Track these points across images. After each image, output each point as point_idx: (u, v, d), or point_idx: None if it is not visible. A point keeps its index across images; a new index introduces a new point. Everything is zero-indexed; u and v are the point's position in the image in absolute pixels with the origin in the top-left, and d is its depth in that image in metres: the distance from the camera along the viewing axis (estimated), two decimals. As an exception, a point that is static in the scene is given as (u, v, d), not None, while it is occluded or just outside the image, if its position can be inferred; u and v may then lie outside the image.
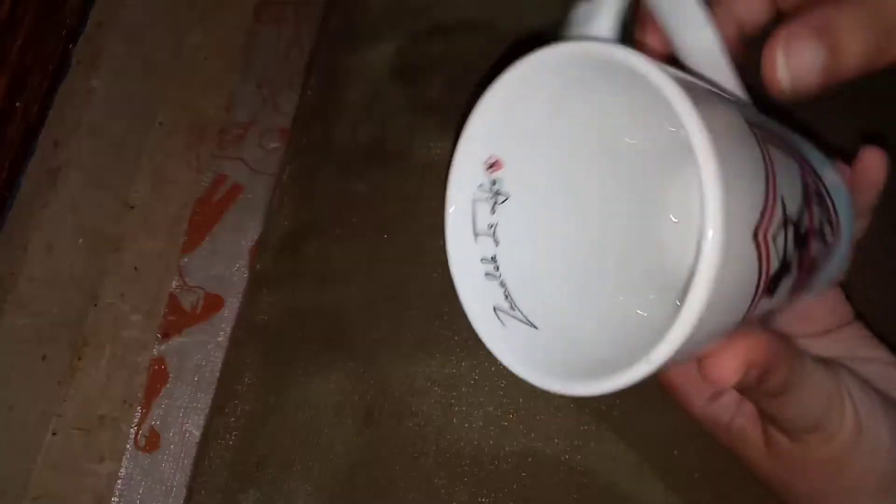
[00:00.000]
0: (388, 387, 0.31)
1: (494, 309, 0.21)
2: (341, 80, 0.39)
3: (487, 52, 0.37)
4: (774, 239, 0.16)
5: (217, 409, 0.33)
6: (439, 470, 0.30)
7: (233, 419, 0.33)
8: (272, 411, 0.32)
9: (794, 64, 0.17)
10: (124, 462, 0.60)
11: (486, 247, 0.21)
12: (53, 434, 0.62)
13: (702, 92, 0.17)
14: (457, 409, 0.30)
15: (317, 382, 0.32)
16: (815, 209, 0.18)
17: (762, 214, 0.16)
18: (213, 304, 0.67)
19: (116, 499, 0.59)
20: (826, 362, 0.21)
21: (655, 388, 0.29)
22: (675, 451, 0.29)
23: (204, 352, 0.63)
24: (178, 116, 0.77)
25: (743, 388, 0.19)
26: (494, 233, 0.21)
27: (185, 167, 0.75)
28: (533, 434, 0.30)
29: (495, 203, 0.21)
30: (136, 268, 0.69)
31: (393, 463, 0.30)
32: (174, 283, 0.68)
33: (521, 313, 0.21)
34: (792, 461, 0.21)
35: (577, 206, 0.22)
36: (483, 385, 0.31)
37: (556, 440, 0.29)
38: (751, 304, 0.17)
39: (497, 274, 0.21)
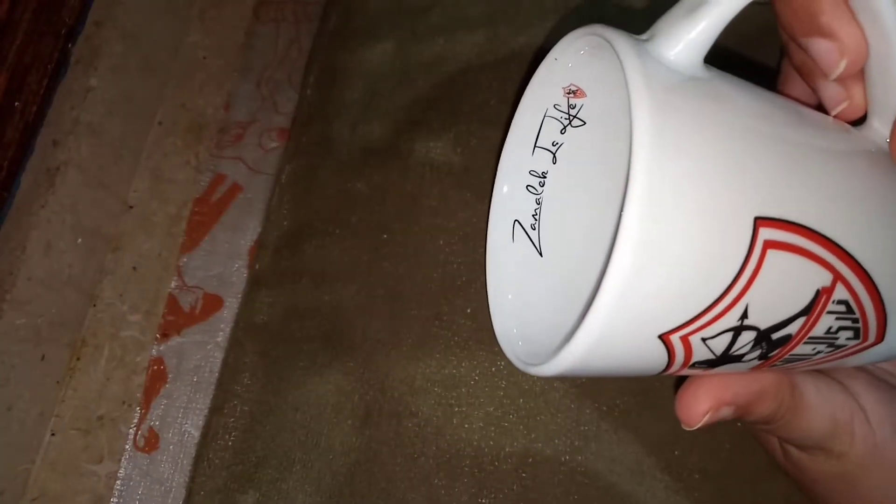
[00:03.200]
0: (388, 387, 0.31)
1: (515, 221, 0.21)
2: (340, 80, 0.39)
3: (487, 52, 0.37)
4: (706, 340, 0.15)
5: (216, 410, 0.33)
6: (439, 470, 0.29)
7: (232, 419, 0.32)
8: (271, 412, 0.32)
9: None
10: (123, 462, 0.60)
11: (542, 162, 0.21)
12: (52, 434, 0.62)
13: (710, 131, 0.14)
14: (456, 409, 0.30)
15: (316, 383, 0.32)
16: (825, 318, 0.16)
17: (691, 321, 0.14)
18: (212, 304, 0.67)
19: (115, 499, 0.59)
20: (836, 382, 0.20)
21: (656, 388, 0.29)
22: (676, 451, 0.29)
23: (203, 352, 0.63)
24: (177, 116, 0.77)
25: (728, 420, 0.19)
26: (556, 152, 0.21)
27: (183, 167, 0.75)
28: (533, 434, 0.30)
29: (568, 125, 0.20)
30: (134, 268, 0.69)
31: (392, 463, 0.30)
32: (173, 283, 0.68)
33: (538, 236, 0.20)
34: (804, 470, 0.21)
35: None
36: (483, 385, 0.31)
37: (556, 440, 0.29)
38: (664, 371, 0.16)
39: (539, 191, 0.21)
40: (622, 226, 0.13)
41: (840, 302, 0.16)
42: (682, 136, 0.14)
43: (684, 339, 0.15)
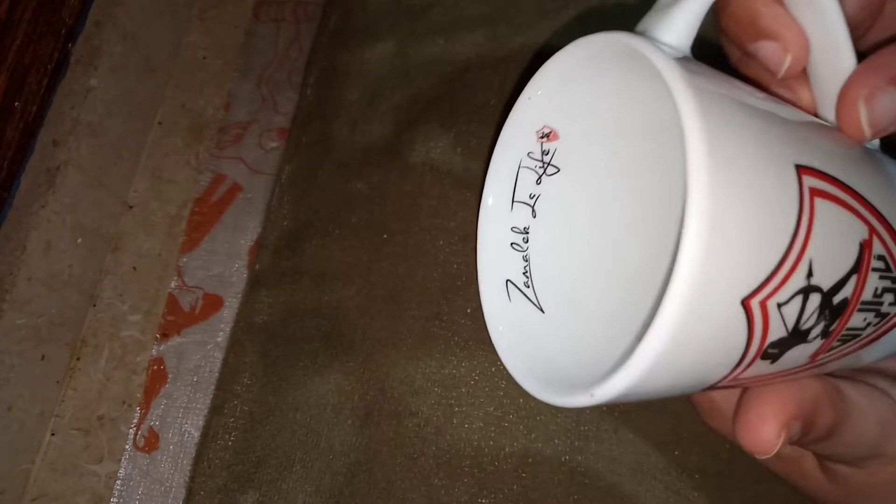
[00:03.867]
0: (388, 387, 0.31)
1: (507, 281, 0.20)
2: (340, 80, 0.39)
3: (486, 51, 0.37)
4: (781, 307, 0.15)
5: (216, 410, 0.33)
6: (439, 470, 0.29)
7: (232, 419, 0.32)
8: (271, 411, 0.32)
9: (877, 118, 0.17)
10: (123, 462, 0.60)
11: (522, 217, 0.20)
12: (52, 434, 0.62)
13: (733, 117, 0.15)
14: (456, 409, 0.30)
15: (316, 383, 0.32)
16: (871, 277, 0.16)
17: (767, 280, 0.14)
18: (212, 304, 0.67)
19: (115, 499, 0.59)
20: (868, 384, 0.20)
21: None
22: (676, 452, 0.29)
23: (203, 352, 0.63)
24: (177, 116, 0.77)
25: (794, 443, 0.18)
26: (535, 204, 0.20)
27: (183, 167, 0.75)
28: (533, 434, 0.30)
29: (543, 174, 0.20)
30: (134, 268, 0.69)
31: (392, 463, 0.30)
32: (173, 283, 0.68)
33: (534, 293, 0.20)
34: (854, 486, 0.20)
35: (623, 196, 0.21)
36: (483, 385, 0.31)
37: (556, 440, 0.29)
38: (735, 368, 0.15)
39: (524, 247, 0.20)
40: (690, 204, 0.13)
41: (879, 258, 0.16)
42: (722, 109, 0.14)
43: (763, 306, 0.14)
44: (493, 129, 0.34)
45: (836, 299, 0.15)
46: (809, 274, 0.15)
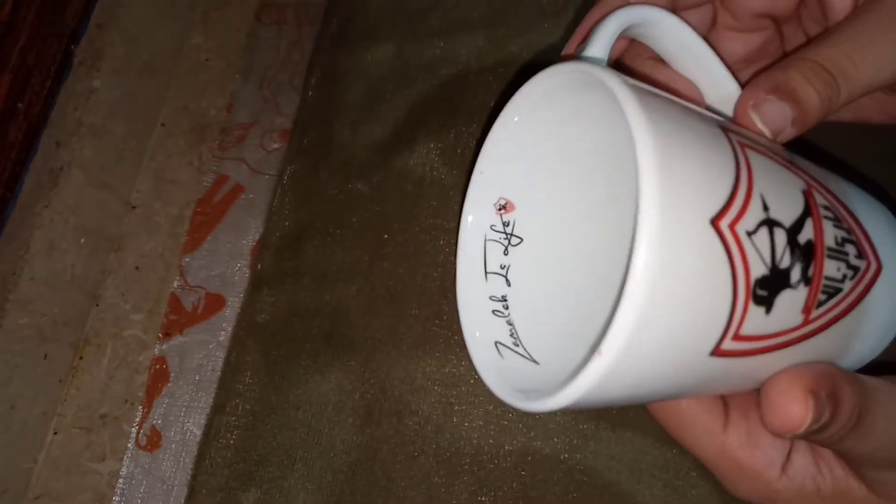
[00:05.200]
0: (388, 386, 0.31)
1: (496, 343, 0.20)
2: (342, 81, 0.39)
3: (486, 53, 0.37)
4: (750, 235, 0.15)
5: (218, 408, 0.33)
6: (439, 469, 0.30)
7: (234, 418, 0.33)
8: (273, 410, 0.32)
9: (769, 120, 0.19)
10: (125, 461, 0.60)
11: (497, 286, 0.21)
12: (55, 433, 0.62)
13: (662, 99, 0.17)
14: (456, 407, 0.31)
15: (317, 381, 0.32)
16: (826, 223, 0.17)
17: (727, 204, 0.15)
18: (215, 303, 0.67)
19: (117, 498, 0.59)
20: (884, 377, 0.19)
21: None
22: (674, 450, 0.29)
23: (205, 351, 0.64)
24: (180, 117, 0.77)
25: (817, 429, 0.17)
26: (507, 273, 0.21)
27: (186, 167, 0.75)
28: (532, 433, 0.30)
29: (508, 244, 0.21)
30: (137, 267, 0.69)
31: (393, 461, 0.30)
32: (175, 283, 0.68)
33: (525, 350, 0.20)
34: None
35: (587, 243, 0.22)
36: (483, 384, 0.31)
37: (555, 439, 0.30)
38: (731, 313, 0.15)
39: (506, 313, 0.21)
40: (638, 142, 0.15)
41: (826, 208, 0.18)
42: (658, 104, 0.16)
43: (733, 231, 0.15)
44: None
45: (802, 238, 0.17)
46: (765, 207, 0.16)
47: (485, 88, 0.36)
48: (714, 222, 0.15)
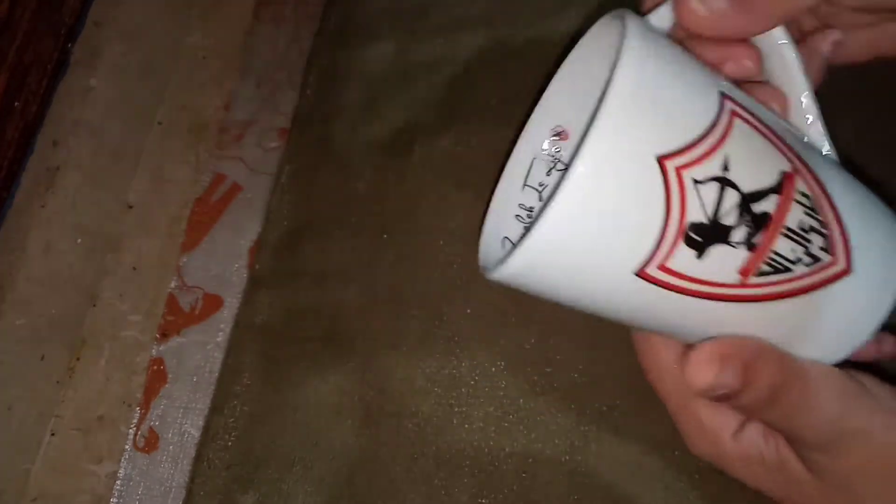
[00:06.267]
0: (388, 387, 0.31)
1: (504, 238, 0.22)
2: (340, 80, 0.39)
3: (487, 51, 0.37)
4: (697, 184, 0.17)
5: (216, 410, 0.33)
6: (439, 470, 0.29)
7: (232, 420, 0.32)
8: (271, 412, 0.32)
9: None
10: (123, 462, 0.60)
11: (530, 198, 0.23)
12: (52, 434, 0.62)
13: (674, 52, 0.18)
14: (456, 409, 0.30)
15: (316, 383, 0.32)
16: (796, 207, 0.18)
17: (682, 150, 0.17)
18: (212, 304, 0.67)
19: (115, 499, 0.59)
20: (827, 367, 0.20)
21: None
22: (675, 452, 0.29)
23: (203, 352, 0.63)
24: (177, 116, 0.77)
25: (726, 395, 0.19)
26: (542, 191, 0.23)
27: (183, 167, 0.75)
28: (533, 435, 0.30)
29: (553, 167, 0.23)
30: (134, 268, 0.69)
31: (392, 463, 0.30)
32: (173, 284, 0.68)
33: None
34: (836, 478, 0.20)
35: None
36: (483, 386, 0.31)
37: (556, 441, 0.29)
38: (658, 243, 0.17)
39: (526, 221, 0.23)
40: (621, 59, 0.16)
41: (805, 195, 0.18)
42: (663, 44, 0.18)
43: (678, 174, 0.17)
44: (494, 129, 0.34)
45: (756, 208, 0.18)
46: (725, 167, 0.17)
47: (485, 87, 0.36)
48: (661, 159, 0.17)
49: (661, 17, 0.21)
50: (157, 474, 0.57)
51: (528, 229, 0.19)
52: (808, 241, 0.18)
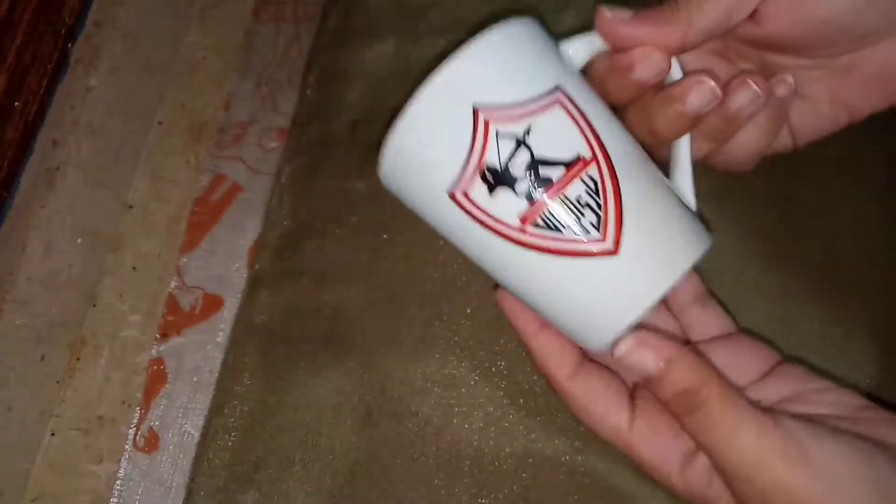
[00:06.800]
0: (388, 387, 0.31)
1: None
2: (340, 80, 0.39)
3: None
4: (498, 136, 0.22)
5: (216, 410, 0.33)
6: (439, 470, 0.29)
7: (232, 420, 0.32)
8: (271, 412, 0.32)
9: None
10: (123, 462, 0.60)
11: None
12: (52, 434, 0.62)
13: (539, 54, 0.23)
14: (457, 409, 0.30)
15: (316, 383, 0.32)
16: (576, 183, 0.22)
17: (495, 107, 0.22)
18: (212, 304, 0.67)
19: (115, 499, 0.58)
20: (763, 410, 0.21)
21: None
22: (676, 452, 0.29)
23: (203, 352, 0.63)
24: (177, 116, 0.77)
25: (656, 384, 0.22)
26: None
27: (183, 167, 0.75)
28: (533, 435, 0.30)
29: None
30: (134, 268, 0.69)
31: (392, 463, 0.30)
32: (173, 284, 0.68)
33: None
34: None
35: None
36: (483, 385, 0.31)
37: (556, 441, 0.29)
38: (461, 171, 0.22)
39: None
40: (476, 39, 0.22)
41: (591, 178, 0.22)
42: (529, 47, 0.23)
43: (486, 123, 0.22)
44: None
45: (543, 172, 0.22)
46: (527, 132, 0.22)
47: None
48: (475, 109, 0.22)
49: (586, 44, 0.24)
50: (157, 474, 0.57)
51: None
52: (581, 213, 0.22)
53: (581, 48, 0.24)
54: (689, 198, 0.26)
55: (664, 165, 0.26)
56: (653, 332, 0.23)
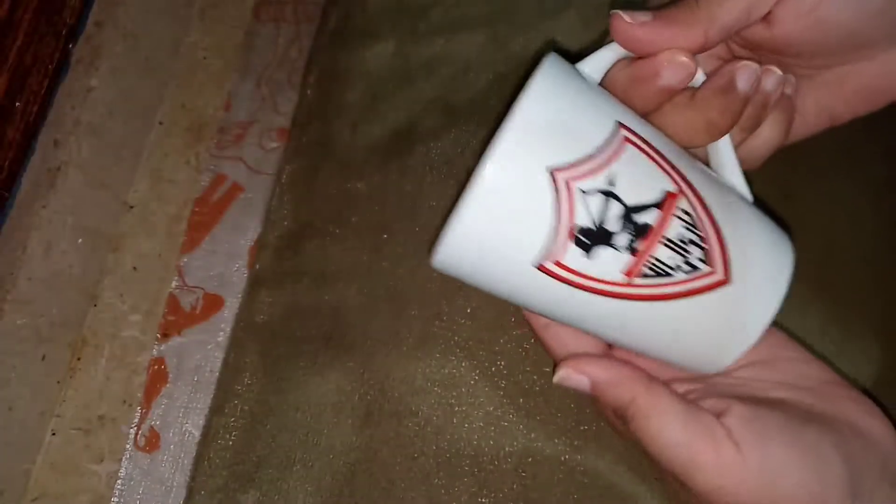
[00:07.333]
0: (388, 387, 0.31)
1: None
2: (341, 80, 0.39)
3: (487, 52, 0.37)
4: (584, 193, 0.20)
5: (217, 409, 0.33)
6: (439, 470, 0.30)
7: (232, 419, 0.32)
8: (272, 411, 0.32)
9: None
10: (124, 462, 0.60)
11: None
12: (53, 434, 0.62)
13: (582, 85, 0.22)
14: (456, 409, 0.30)
15: (316, 382, 0.32)
16: (675, 221, 0.21)
17: (571, 165, 0.20)
18: (213, 304, 0.67)
19: (116, 499, 0.59)
20: (695, 405, 0.22)
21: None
22: (675, 451, 0.29)
23: (203, 352, 0.63)
24: (178, 116, 0.77)
25: (598, 397, 0.23)
26: None
27: (184, 167, 0.75)
28: (533, 434, 0.30)
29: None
30: (135, 268, 0.69)
31: (392, 463, 0.30)
32: (173, 283, 0.68)
33: None
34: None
35: None
36: (483, 385, 0.31)
37: (555, 440, 0.29)
38: (552, 238, 0.20)
39: None
40: (527, 88, 0.20)
41: (685, 212, 0.21)
42: (574, 81, 0.22)
43: (567, 184, 0.20)
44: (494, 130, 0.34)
45: (638, 219, 0.21)
46: (611, 183, 0.20)
47: (486, 87, 0.36)
48: (552, 171, 0.20)
49: (599, 60, 0.23)
50: (158, 474, 0.57)
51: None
52: (688, 251, 0.21)
53: (596, 65, 0.23)
54: (745, 192, 0.25)
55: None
56: (583, 356, 0.23)
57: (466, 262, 0.21)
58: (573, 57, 0.23)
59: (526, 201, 0.20)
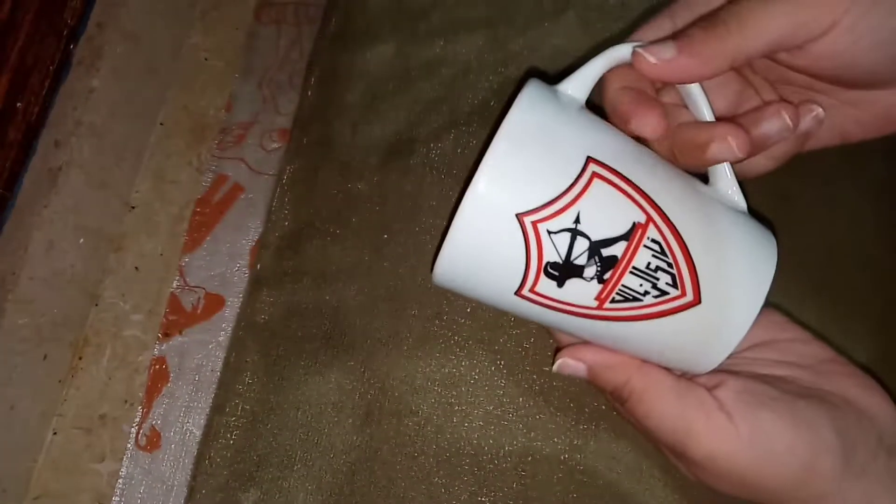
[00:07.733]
0: (388, 386, 0.31)
1: None
2: (342, 81, 0.39)
3: (487, 53, 0.37)
4: (551, 234, 0.21)
5: (218, 409, 0.33)
6: (439, 469, 0.30)
7: (233, 418, 0.33)
8: (272, 410, 0.32)
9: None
10: (125, 461, 0.60)
11: None
12: (54, 433, 0.62)
13: (553, 124, 0.22)
14: (456, 408, 0.31)
15: (317, 382, 0.32)
16: (643, 251, 0.22)
17: (538, 208, 0.21)
18: (214, 303, 0.67)
19: (117, 498, 0.59)
20: (687, 380, 0.23)
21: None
22: (674, 450, 0.29)
23: (205, 351, 0.64)
24: (179, 117, 0.77)
25: (593, 382, 0.24)
26: None
27: (185, 167, 0.75)
28: (532, 433, 0.30)
29: None
30: (136, 268, 0.69)
31: (393, 462, 0.30)
32: (175, 283, 0.68)
33: None
34: (699, 481, 0.23)
35: None
36: (483, 384, 0.31)
37: (555, 439, 0.30)
38: (524, 277, 0.22)
39: None
40: (493, 144, 0.21)
41: (654, 241, 0.22)
42: (549, 113, 0.22)
43: (535, 227, 0.21)
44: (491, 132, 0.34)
45: (606, 252, 0.21)
46: (577, 220, 0.21)
47: (485, 88, 0.36)
48: (519, 216, 0.21)
49: (584, 77, 0.24)
50: (159, 473, 0.57)
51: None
52: (656, 278, 0.22)
53: (581, 83, 0.24)
54: (738, 200, 0.25)
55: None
56: (579, 345, 0.25)
57: (458, 285, 0.24)
58: (563, 71, 0.24)
59: (499, 242, 0.22)
